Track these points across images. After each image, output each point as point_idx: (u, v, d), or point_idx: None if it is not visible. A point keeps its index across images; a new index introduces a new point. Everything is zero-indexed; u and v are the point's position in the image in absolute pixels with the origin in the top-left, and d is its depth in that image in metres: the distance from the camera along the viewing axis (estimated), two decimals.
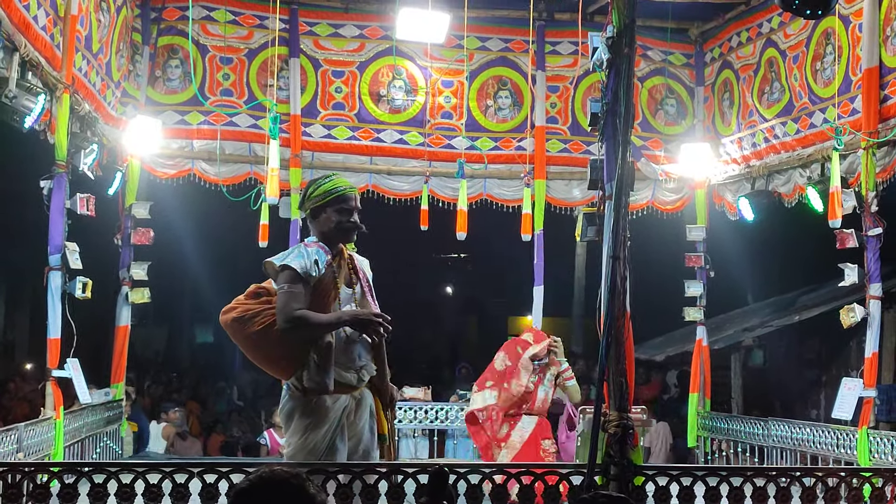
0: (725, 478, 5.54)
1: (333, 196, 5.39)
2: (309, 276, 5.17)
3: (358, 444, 5.43)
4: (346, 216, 5.40)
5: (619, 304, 5.39)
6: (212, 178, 10.51)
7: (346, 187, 5.47)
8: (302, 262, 5.18)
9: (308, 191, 5.46)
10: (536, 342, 8.32)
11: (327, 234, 5.39)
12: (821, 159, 9.15)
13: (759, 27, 10.31)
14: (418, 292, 21.77)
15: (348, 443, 5.36)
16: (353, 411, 5.37)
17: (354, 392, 5.39)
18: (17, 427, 7.14)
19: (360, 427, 5.44)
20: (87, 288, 8.22)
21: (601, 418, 5.40)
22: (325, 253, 5.31)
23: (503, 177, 11.12)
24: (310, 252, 5.26)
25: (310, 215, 5.45)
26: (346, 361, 5.32)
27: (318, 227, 5.42)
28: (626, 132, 5.47)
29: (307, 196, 5.45)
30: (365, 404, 5.45)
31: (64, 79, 7.77)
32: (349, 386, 5.35)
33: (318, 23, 10.89)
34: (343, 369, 5.31)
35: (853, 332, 9.69)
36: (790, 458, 9.16)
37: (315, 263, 5.20)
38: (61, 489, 5.17)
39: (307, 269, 5.17)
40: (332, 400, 5.24)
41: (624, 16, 5.54)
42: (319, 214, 5.40)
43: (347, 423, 5.35)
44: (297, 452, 5.30)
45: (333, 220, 5.38)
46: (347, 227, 5.43)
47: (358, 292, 5.49)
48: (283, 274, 5.21)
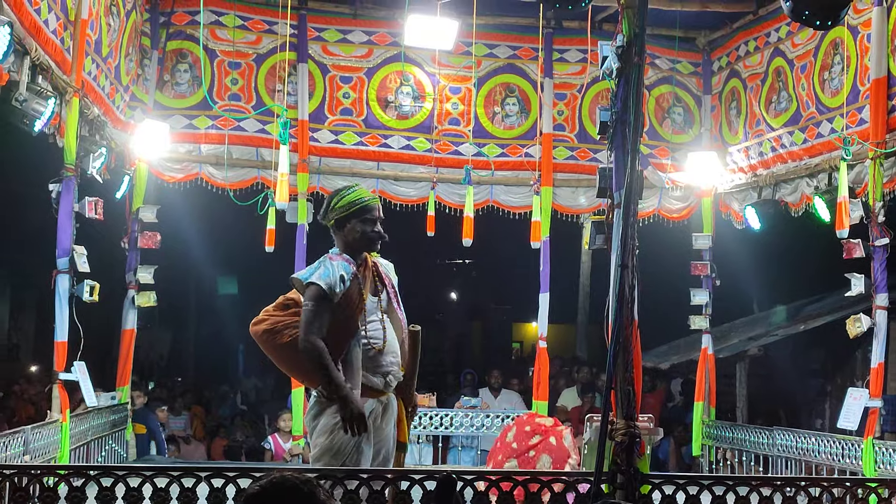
0: (732, 487, 5.54)
1: (358, 207, 5.47)
2: (334, 293, 5.23)
3: (381, 450, 5.48)
4: (371, 226, 5.48)
5: (626, 312, 5.40)
6: (219, 183, 10.53)
7: (370, 198, 5.56)
8: (327, 279, 5.24)
9: (331, 202, 5.51)
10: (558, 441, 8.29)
11: (352, 244, 5.47)
12: (828, 169, 9.15)
13: (766, 36, 10.31)
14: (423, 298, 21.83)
15: (373, 448, 5.40)
16: (379, 416, 5.44)
17: (381, 397, 5.44)
18: (23, 430, 7.15)
19: (385, 432, 5.49)
20: (95, 291, 8.23)
21: (608, 426, 5.40)
22: (349, 265, 5.36)
23: (510, 183, 11.14)
24: (335, 266, 5.31)
25: (334, 226, 5.51)
26: (374, 366, 5.39)
27: (342, 237, 5.49)
28: (636, 141, 5.47)
29: (331, 207, 5.50)
30: (391, 410, 5.51)
31: (73, 83, 7.78)
32: (376, 390, 5.40)
33: (327, 28, 10.91)
34: (371, 374, 5.38)
35: (859, 343, 9.69)
36: (795, 468, 9.16)
37: (341, 279, 5.27)
38: (69, 492, 5.18)
39: (332, 285, 5.24)
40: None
41: (634, 25, 5.55)
42: (344, 225, 5.47)
43: (374, 428, 5.40)
44: (324, 453, 5.35)
45: (359, 230, 5.46)
46: (372, 237, 5.50)
47: (384, 299, 5.57)
48: (309, 291, 5.28)
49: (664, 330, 14.08)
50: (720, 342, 12.64)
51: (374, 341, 5.43)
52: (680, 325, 11.52)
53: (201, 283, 19.48)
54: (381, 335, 5.49)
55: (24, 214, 13.59)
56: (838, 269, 8.74)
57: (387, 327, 5.54)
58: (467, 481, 5.36)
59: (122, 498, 5.17)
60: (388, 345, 5.50)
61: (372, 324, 5.47)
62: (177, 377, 19.50)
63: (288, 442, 10.49)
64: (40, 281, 9.14)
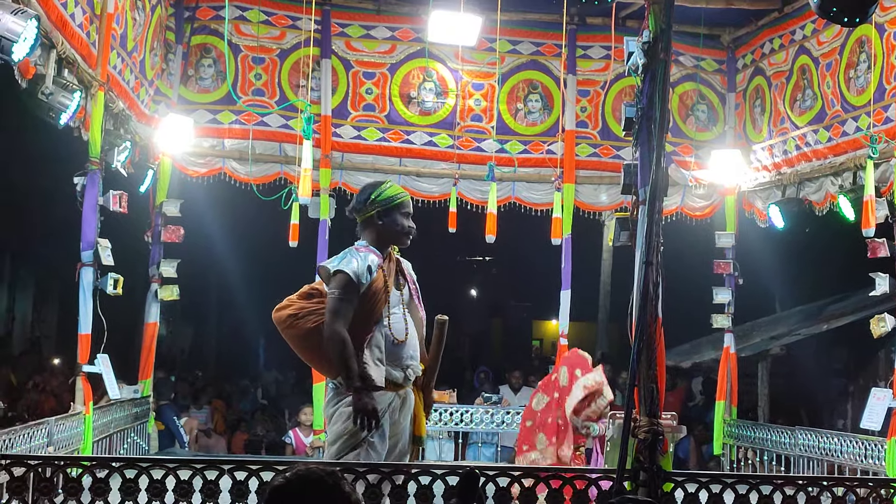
0: (755, 486, 5.51)
1: (399, 201, 5.62)
2: (360, 282, 5.29)
3: (397, 444, 5.52)
4: (408, 221, 5.64)
5: (651, 309, 5.38)
6: (242, 178, 10.56)
7: (406, 194, 5.75)
8: (355, 268, 5.33)
9: (371, 195, 5.62)
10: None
11: (386, 237, 5.59)
12: (852, 168, 9.09)
13: (791, 34, 10.26)
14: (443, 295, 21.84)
15: (388, 441, 5.44)
16: (397, 409, 5.48)
17: (400, 391, 5.48)
18: (47, 421, 7.19)
19: (402, 426, 5.55)
20: (119, 284, 8.26)
21: (631, 423, 5.39)
22: (377, 257, 5.44)
23: (532, 180, 11.12)
24: (363, 257, 5.41)
25: (373, 218, 5.60)
26: (395, 360, 5.45)
27: (376, 230, 5.59)
28: (661, 137, 5.46)
29: (371, 200, 5.59)
30: (409, 404, 5.57)
31: (99, 76, 7.82)
32: (396, 384, 5.45)
33: (350, 24, 10.92)
34: (392, 367, 5.42)
35: (882, 342, 9.63)
36: (816, 468, 9.11)
37: (368, 269, 5.36)
38: (93, 483, 5.21)
39: (360, 274, 5.33)
40: (378, 395, 5.33)
41: (661, 21, 5.54)
42: (385, 217, 5.56)
43: (391, 421, 5.44)
44: (338, 439, 5.38)
45: (399, 223, 5.59)
46: (408, 231, 5.66)
47: (406, 295, 5.64)
48: (336, 279, 5.36)
49: (686, 328, 14.03)
50: (742, 341, 12.59)
51: (397, 333, 5.49)
52: (702, 323, 11.48)
53: (223, 277, 19.54)
54: (404, 328, 5.57)
55: (50, 208, 13.66)
56: (862, 268, 8.69)
57: (408, 321, 5.61)
58: (490, 477, 5.36)
59: (145, 490, 5.19)
60: (410, 338, 5.58)
61: (395, 316, 5.54)
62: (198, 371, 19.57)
63: (309, 436, 10.51)
64: (64, 274, 9.18)
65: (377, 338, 5.42)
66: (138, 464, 5.28)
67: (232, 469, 5.24)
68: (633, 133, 5.80)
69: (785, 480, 5.76)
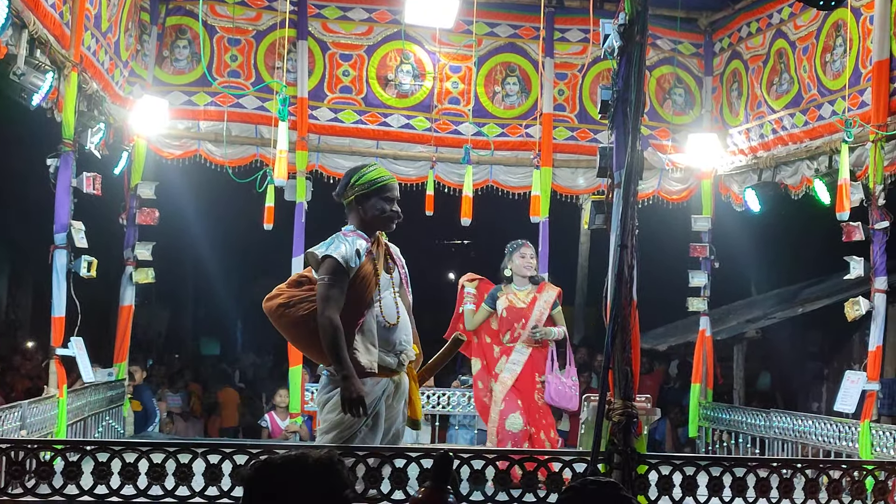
0: (729, 468, 5.55)
1: (380, 185, 5.56)
2: (349, 266, 5.26)
3: (391, 427, 5.52)
4: (391, 205, 5.57)
5: (625, 292, 5.40)
6: (218, 160, 10.49)
7: (390, 177, 5.67)
8: (343, 252, 5.29)
9: (352, 179, 5.57)
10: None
11: (370, 221, 5.53)
12: (829, 151, 9.12)
13: (769, 18, 10.26)
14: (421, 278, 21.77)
15: (384, 426, 5.44)
16: (392, 394, 5.48)
17: (395, 376, 5.46)
18: (20, 404, 7.14)
19: (396, 410, 5.55)
20: (93, 267, 8.21)
21: (605, 406, 5.41)
22: (365, 242, 5.41)
23: (509, 163, 11.09)
24: (351, 241, 5.37)
25: (354, 202, 5.55)
26: (388, 345, 5.44)
27: (360, 214, 5.53)
28: (637, 120, 5.46)
29: (352, 183, 5.54)
30: (403, 389, 5.55)
31: (72, 57, 7.74)
32: (390, 369, 5.43)
33: (327, 6, 10.84)
34: (385, 352, 5.41)
35: (857, 326, 9.70)
36: (791, 450, 9.17)
37: (357, 253, 5.32)
38: (65, 467, 5.19)
39: (348, 259, 5.29)
40: (373, 382, 5.34)
41: (637, 3, 5.53)
42: (365, 202, 5.51)
43: (385, 406, 5.43)
44: (332, 428, 5.38)
45: (379, 207, 5.53)
46: (391, 216, 5.59)
47: (396, 279, 5.62)
48: (325, 264, 5.32)
49: (662, 312, 14.08)
50: (718, 324, 12.64)
51: (388, 316, 5.47)
52: (678, 307, 11.51)
53: (199, 260, 19.46)
54: (395, 311, 5.54)
55: (23, 189, 13.55)
56: (837, 251, 8.73)
57: (399, 304, 5.59)
58: (464, 459, 5.37)
59: (118, 473, 5.18)
60: (402, 321, 5.56)
61: (386, 300, 5.52)
62: (175, 354, 19.52)
63: (285, 419, 10.49)
64: (39, 256, 9.10)
65: (369, 322, 5.40)
66: (111, 447, 5.26)
67: (205, 452, 5.23)
68: (608, 116, 5.79)
69: (758, 462, 5.81)
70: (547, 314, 8.49)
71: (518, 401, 8.31)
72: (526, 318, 8.46)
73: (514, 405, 8.29)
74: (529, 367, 8.40)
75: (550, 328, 8.45)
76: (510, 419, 8.27)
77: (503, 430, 8.26)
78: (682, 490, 5.45)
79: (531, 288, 8.62)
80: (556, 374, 8.41)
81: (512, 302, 8.55)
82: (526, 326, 8.42)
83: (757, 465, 5.70)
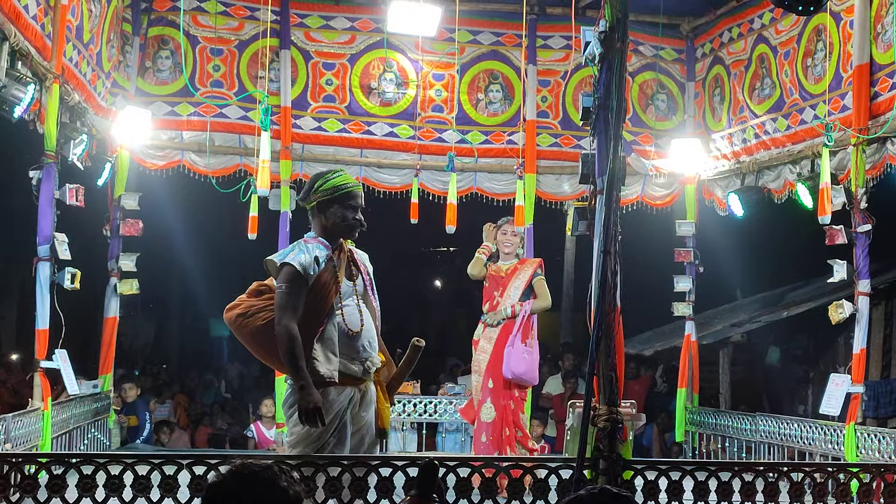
0: (714, 472, 5.56)
1: (342, 192, 5.43)
2: (308, 274, 5.20)
3: (364, 438, 5.45)
4: (353, 213, 5.45)
5: (609, 298, 5.40)
6: (201, 170, 10.46)
7: (353, 184, 5.54)
8: (301, 260, 5.22)
9: (315, 184, 5.46)
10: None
11: (331, 229, 5.43)
12: (811, 155, 9.16)
13: (750, 23, 10.31)
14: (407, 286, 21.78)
15: (353, 436, 5.38)
16: (357, 403, 5.39)
17: (360, 385, 5.40)
18: (4, 418, 7.11)
19: (366, 420, 5.45)
20: (76, 279, 8.19)
21: (590, 412, 5.41)
22: (325, 248, 5.34)
23: (493, 171, 11.10)
24: (310, 248, 5.29)
25: (315, 208, 5.46)
26: (351, 353, 5.36)
27: (321, 221, 5.45)
28: (618, 127, 5.48)
29: (313, 189, 5.45)
30: (369, 397, 5.46)
31: (54, 69, 7.72)
32: (354, 378, 5.37)
33: (309, 14, 10.84)
34: (348, 361, 5.34)
35: (841, 329, 9.73)
36: (778, 454, 9.20)
37: (315, 260, 5.24)
38: (49, 480, 5.16)
39: (307, 266, 5.20)
40: (336, 392, 5.26)
41: (616, 10, 5.55)
42: (326, 209, 5.42)
43: (352, 416, 5.36)
44: (299, 441, 5.32)
45: (339, 215, 5.42)
46: (353, 224, 5.47)
47: (360, 285, 5.53)
48: (283, 272, 5.24)
49: (648, 317, 14.12)
50: (703, 329, 12.68)
51: (351, 324, 5.39)
52: (663, 311, 11.54)
53: (184, 271, 19.42)
54: (358, 318, 5.43)
55: (6, 201, 13.50)
56: (821, 255, 8.77)
57: (363, 311, 5.50)
58: (450, 468, 5.36)
59: (102, 486, 5.16)
60: (365, 329, 5.44)
61: (348, 307, 5.42)
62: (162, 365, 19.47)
63: (272, 429, 10.47)
64: (22, 269, 9.08)
65: (329, 330, 5.31)
66: (95, 460, 5.24)
67: (191, 464, 5.22)
68: (590, 123, 5.81)
69: (743, 467, 5.82)
70: (525, 285, 8.54)
71: (490, 381, 8.34)
72: (504, 286, 8.54)
73: (487, 393, 8.34)
74: (504, 338, 8.42)
75: (499, 312, 8.49)
76: (484, 409, 8.32)
77: (479, 421, 8.34)
78: (668, 495, 5.46)
79: (514, 262, 8.69)
80: (516, 346, 8.40)
81: (496, 270, 8.65)
82: (503, 296, 8.48)
83: (742, 470, 5.71)
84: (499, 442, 8.25)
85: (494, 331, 8.47)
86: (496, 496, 5.44)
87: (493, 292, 8.60)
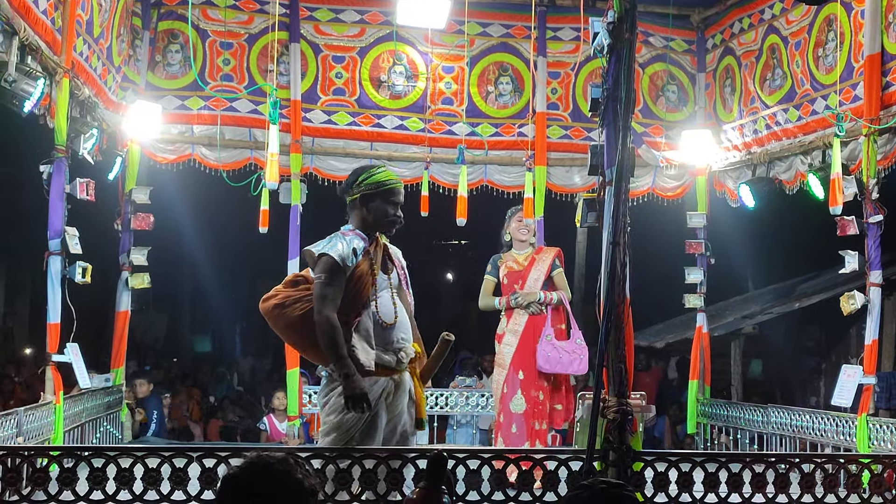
0: (724, 464, 5.55)
1: (386, 188, 5.53)
2: (346, 265, 5.25)
3: (396, 428, 5.49)
4: (394, 209, 5.56)
5: (618, 290, 5.40)
6: (212, 164, 10.47)
7: (397, 181, 5.65)
8: (340, 251, 5.28)
9: (359, 178, 5.55)
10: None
11: (371, 223, 5.52)
12: (822, 146, 9.11)
13: (760, 13, 10.26)
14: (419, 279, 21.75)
15: (386, 426, 5.41)
16: (391, 393, 5.44)
17: (394, 375, 5.44)
18: (16, 411, 7.13)
19: (398, 410, 5.50)
20: (87, 273, 8.20)
21: (600, 404, 5.41)
22: (362, 241, 5.40)
23: (504, 163, 11.08)
24: (348, 240, 5.37)
25: (357, 201, 5.52)
26: (385, 343, 5.41)
27: (362, 214, 5.52)
28: (627, 118, 5.46)
29: (358, 182, 5.53)
30: (404, 388, 5.51)
31: (64, 63, 7.73)
32: (388, 368, 5.41)
33: (319, 8, 10.83)
34: (382, 351, 5.38)
35: (853, 320, 9.68)
36: (789, 445, 9.17)
37: (353, 252, 5.31)
38: (60, 473, 5.19)
39: (345, 257, 5.27)
40: (371, 382, 5.29)
41: (625, 1, 5.53)
42: (368, 203, 5.51)
43: (386, 406, 5.41)
44: (331, 430, 5.37)
45: (382, 210, 5.51)
46: (393, 220, 5.57)
47: (394, 279, 5.62)
48: (321, 262, 5.30)
49: (659, 309, 14.09)
50: (715, 320, 12.64)
51: (385, 316, 5.44)
52: (675, 303, 11.51)
53: (196, 264, 19.46)
54: (392, 311, 5.52)
55: (17, 196, 13.55)
56: (832, 246, 8.72)
57: (398, 304, 5.57)
58: (459, 460, 5.37)
59: (113, 479, 5.18)
60: (399, 321, 5.53)
61: (382, 299, 5.49)
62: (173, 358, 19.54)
63: (284, 422, 10.49)
64: (34, 263, 9.09)
65: (365, 322, 5.38)
66: (106, 453, 5.26)
67: (201, 456, 5.23)
68: (599, 113, 5.79)
69: (754, 458, 5.80)
70: (545, 276, 8.53)
71: (520, 373, 8.32)
72: (523, 279, 8.52)
73: (515, 386, 8.31)
74: (531, 329, 8.41)
75: (532, 292, 8.45)
76: (515, 400, 8.30)
77: (508, 412, 8.30)
78: (679, 486, 5.45)
79: (530, 251, 8.67)
80: (549, 340, 8.39)
81: (511, 267, 8.63)
82: (524, 287, 8.44)
83: (753, 461, 5.70)
84: (531, 432, 8.25)
85: (520, 323, 8.43)
86: (506, 488, 5.44)
87: (514, 285, 8.56)
